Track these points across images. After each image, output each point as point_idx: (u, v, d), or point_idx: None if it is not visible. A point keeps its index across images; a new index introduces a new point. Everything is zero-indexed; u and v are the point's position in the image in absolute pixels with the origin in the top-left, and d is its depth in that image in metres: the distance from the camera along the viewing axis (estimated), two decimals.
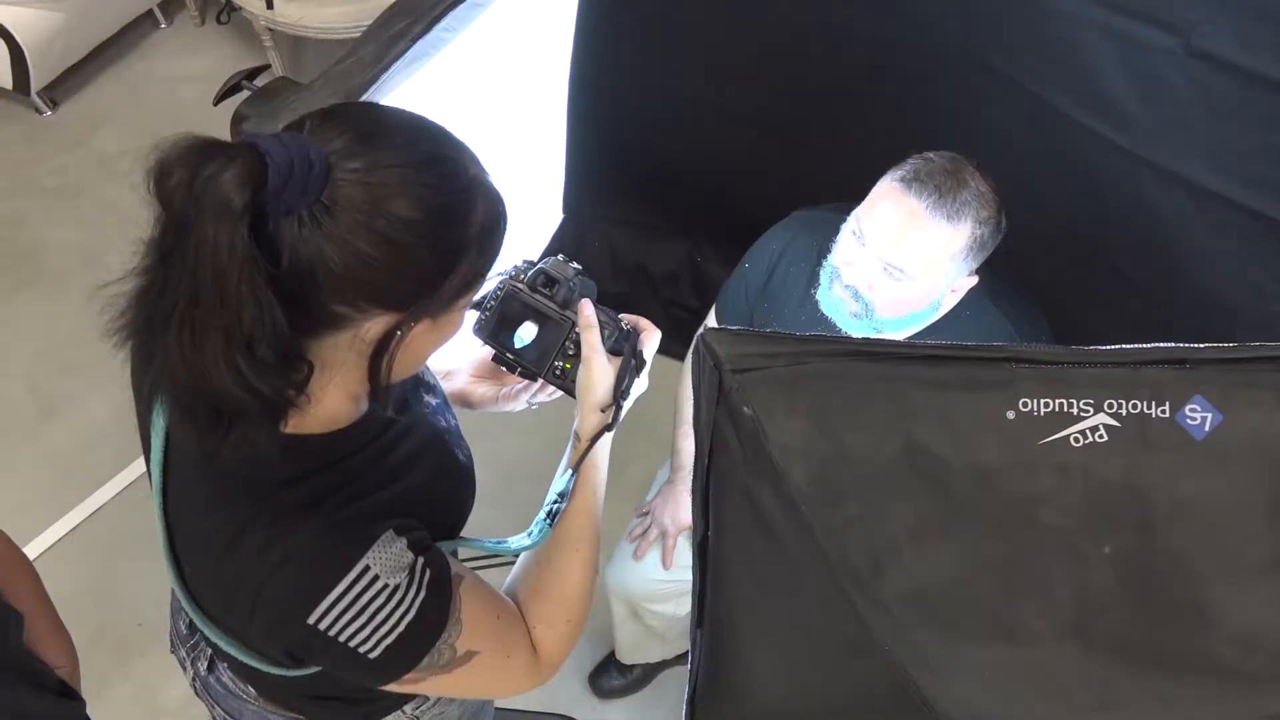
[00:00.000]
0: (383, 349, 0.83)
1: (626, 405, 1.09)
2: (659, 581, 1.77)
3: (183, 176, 0.69)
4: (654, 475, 1.90)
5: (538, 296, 1.08)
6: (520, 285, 1.09)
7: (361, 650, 0.87)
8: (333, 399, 0.88)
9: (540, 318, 1.08)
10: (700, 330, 1.75)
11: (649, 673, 2.15)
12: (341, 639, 0.86)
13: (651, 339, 1.10)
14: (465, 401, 1.23)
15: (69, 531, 2.37)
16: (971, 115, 1.63)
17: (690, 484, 1.73)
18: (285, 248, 0.74)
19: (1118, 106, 1.47)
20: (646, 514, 1.79)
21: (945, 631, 0.74)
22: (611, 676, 2.16)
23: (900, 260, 1.32)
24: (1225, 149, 1.42)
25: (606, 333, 1.06)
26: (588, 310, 1.05)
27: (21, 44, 3.00)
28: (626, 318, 1.12)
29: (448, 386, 1.21)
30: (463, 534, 1.06)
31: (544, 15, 1.71)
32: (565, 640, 1.02)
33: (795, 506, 0.75)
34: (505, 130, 1.63)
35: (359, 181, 0.75)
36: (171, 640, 1.27)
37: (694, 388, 0.80)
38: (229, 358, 0.73)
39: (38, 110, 3.21)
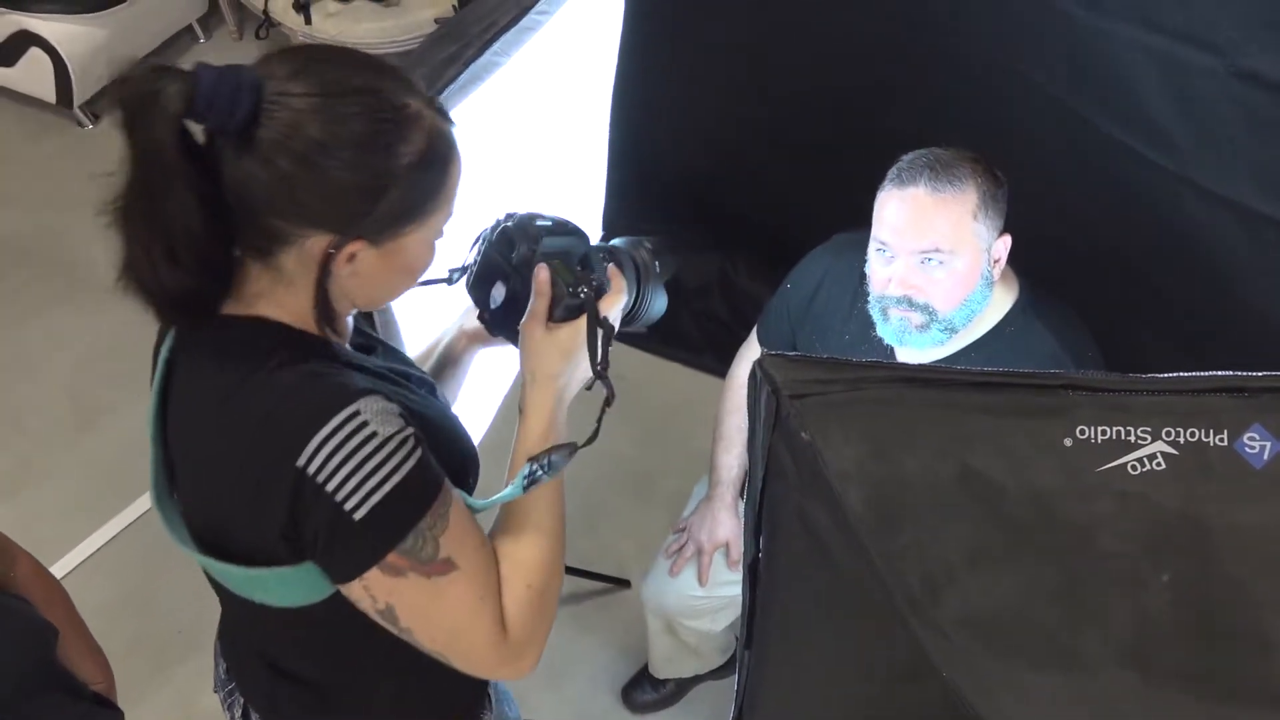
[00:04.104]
0: (326, 268, 0.91)
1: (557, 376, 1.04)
2: (695, 597, 1.78)
3: (133, 85, 0.82)
4: (689, 490, 1.91)
5: (498, 256, 1.05)
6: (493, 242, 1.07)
7: (347, 507, 0.87)
8: (306, 310, 0.95)
9: (506, 278, 1.06)
10: (742, 350, 1.77)
11: (682, 687, 2.15)
12: (329, 489, 0.87)
13: (614, 303, 1.07)
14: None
15: (109, 540, 2.40)
16: (1012, 135, 1.63)
17: (727, 500, 1.74)
18: (226, 164, 0.86)
19: (1160, 127, 1.47)
20: (683, 530, 1.79)
21: (1003, 657, 0.74)
22: (644, 690, 2.16)
23: (932, 241, 1.34)
24: (1270, 169, 1.41)
25: (564, 301, 1.03)
26: (541, 276, 1.04)
27: (65, 58, 3.06)
28: (611, 268, 1.09)
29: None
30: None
31: (589, 38, 1.73)
32: (526, 608, 0.99)
33: (851, 531, 0.75)
34: (551, 152, 1.65)
35: (284, 105, 0.84)
36: (215, 680, 1.29)
37: (749, 412, 0.80)
38: (148, 250, 0.85)
39: (79, 124, 3.27)
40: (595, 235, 1.18)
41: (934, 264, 1.35)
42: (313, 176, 0.86)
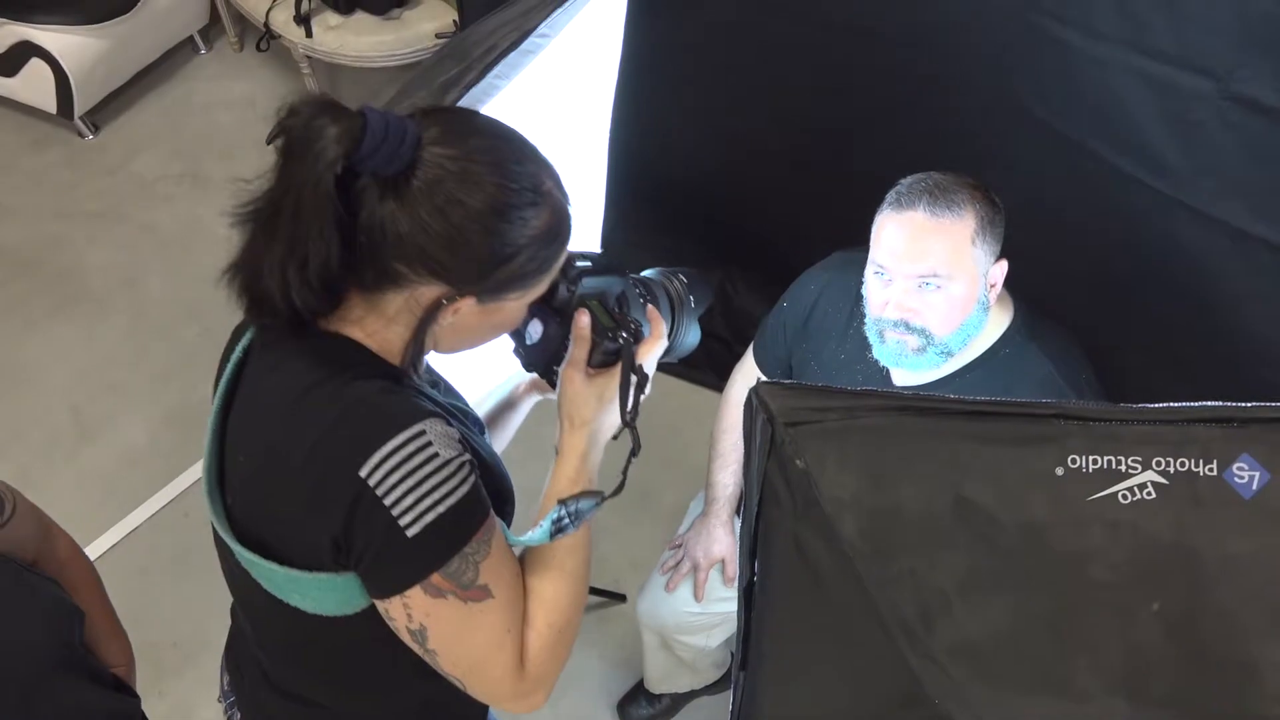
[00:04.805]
0: (431, 315, 0.95)
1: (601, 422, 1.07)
2: (690, 614, 1.78)
3: (302, 118, 0.86)
4: (686, 506, 1.92)
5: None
6: None
7: (402, 523, 0.89)
8: (392, 344, 0.99)
9: (544, 317, 1.07)
10: (738, 368, 1.77)
11: (677, 702, 2.16)
12: (386, 503, 0.89)
13: (651, 350, 1.10)
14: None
15: (106, 551, 2.40)
16: (1008, 158, 1.65)
17: (723, 517, 1.75)
18: (366, 203, 0.90)
19: (1154, 151, 1.48)
20: (679, 546, 1.80)
21: (996, 685, 0.75)
22: (640, 705, 2.16)
23: (930, 265, 1.35)
24: (1265, 192, 1.42)
25: (602, 345, 1.05)
26: (581, 321, 1.06)
27: (66, 69, 3.07)
28: (651, 310, 1.11)
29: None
30: None
31: (589, 61, 1.74)
32: (546, 647, 1.02)
33: (846, 558, 0.76)
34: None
35: (436, 164, 0.89)
36: (220, 690, 1.31)
37: (745, 439, 0.81)
38: (282, 265, 0.89)
39: (80, 134, 3.27)
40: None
41: (931, 288, 1.36)
42: (449, 232, 0.90)
